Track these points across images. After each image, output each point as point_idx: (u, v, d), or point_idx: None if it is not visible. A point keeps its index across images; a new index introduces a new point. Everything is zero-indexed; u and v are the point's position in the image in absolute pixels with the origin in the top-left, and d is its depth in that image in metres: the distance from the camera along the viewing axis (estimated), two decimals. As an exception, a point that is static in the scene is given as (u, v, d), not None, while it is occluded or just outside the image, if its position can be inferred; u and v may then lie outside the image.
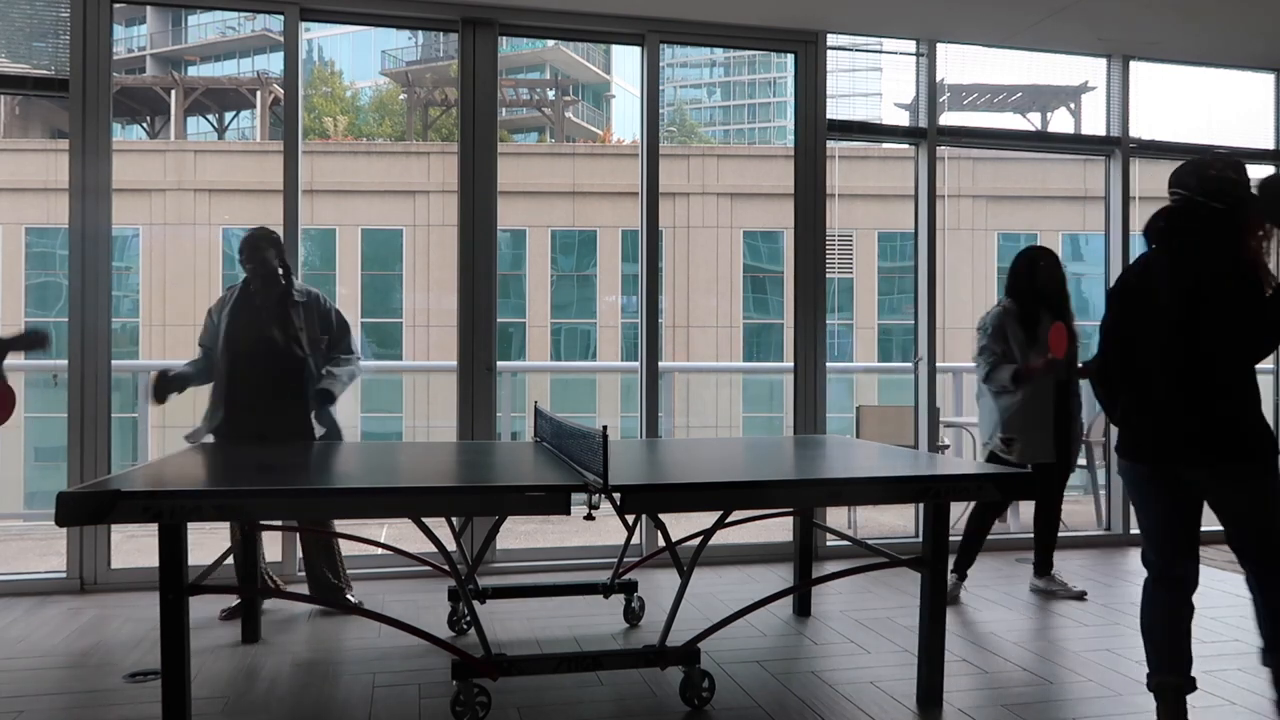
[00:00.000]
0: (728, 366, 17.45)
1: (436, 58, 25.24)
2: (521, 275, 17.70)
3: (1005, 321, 4.37)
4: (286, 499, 2.65)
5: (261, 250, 3.96)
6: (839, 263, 17.40)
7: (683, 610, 3.24)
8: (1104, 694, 3.19)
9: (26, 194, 15.43)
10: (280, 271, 4.01)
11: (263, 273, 3.96)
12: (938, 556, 3.07)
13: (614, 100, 32.31)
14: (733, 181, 18.03)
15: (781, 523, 4.99)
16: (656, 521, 3.77)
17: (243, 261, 3.97)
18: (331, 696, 3.14)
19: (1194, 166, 2.75)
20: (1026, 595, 4.49)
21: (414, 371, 13.81)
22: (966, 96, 13.15)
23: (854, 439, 4.81)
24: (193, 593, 2.68)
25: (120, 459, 4.45)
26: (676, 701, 3.05)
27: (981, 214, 18.23)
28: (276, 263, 4.00)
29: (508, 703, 3.06)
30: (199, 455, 3.42)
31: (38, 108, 17.80)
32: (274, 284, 3.99)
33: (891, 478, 3.01)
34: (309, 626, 3.91)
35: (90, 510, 2.47)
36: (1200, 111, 6.51)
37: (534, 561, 4.93)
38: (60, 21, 4.45)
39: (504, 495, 2.76)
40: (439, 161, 17.09)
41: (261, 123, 21.59)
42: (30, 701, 3.09)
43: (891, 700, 3.12)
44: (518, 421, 6.67)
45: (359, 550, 4.46)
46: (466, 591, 3.17)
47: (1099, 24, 5.11)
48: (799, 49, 5.21)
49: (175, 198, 16.68)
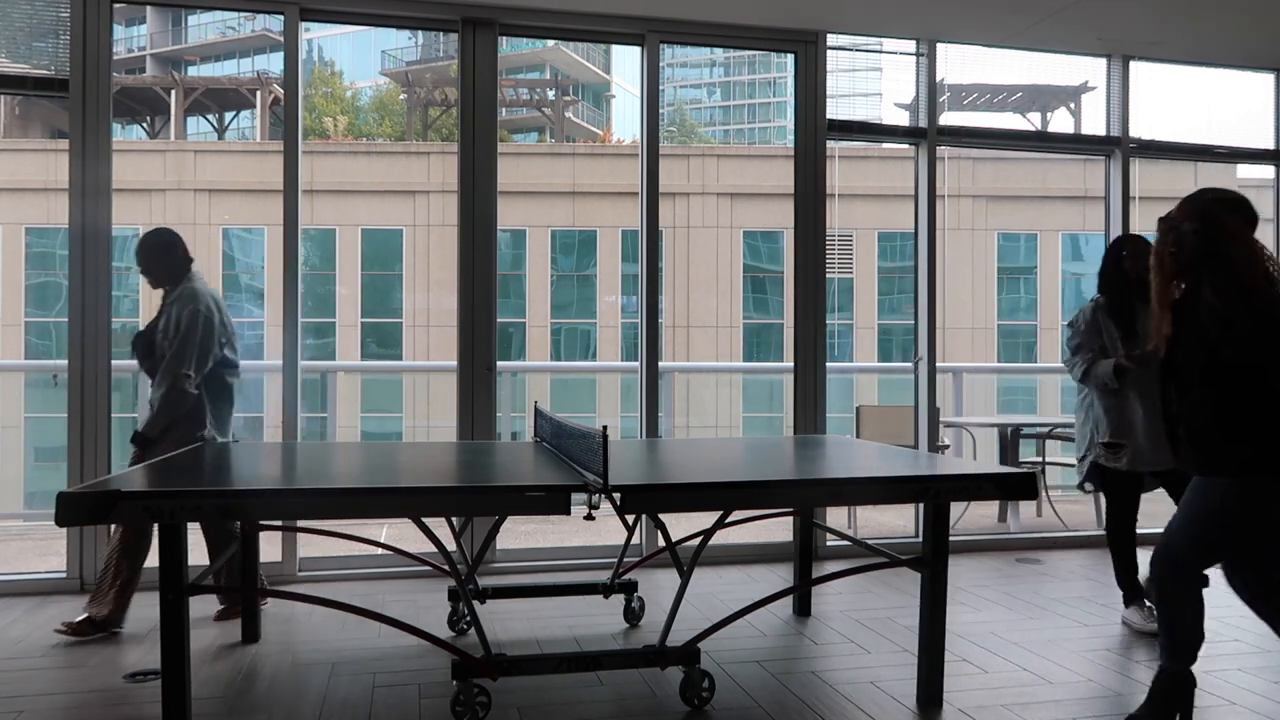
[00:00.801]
0: (728, 366, 17.46)
1: (436, 58, 25.26)
2: (521, 275, 17.71)
3: (1097, 316, 4.03)
4: (287, 499, 2.65)
5: (143, 254, 3.98)
6: (839, 263, 17.42)
7: (683, 610, 3.25)
8: (1104, 694, 3.19)
9: (26, 194, 15.45)
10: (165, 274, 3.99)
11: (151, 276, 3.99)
12: (938, 556, 3.07)
13: (614, 100, 32.34)
14: (733, 181, 18.04)
15: (781, 523, 4.99)
16: (656, 521, 3.77)
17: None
18: (331, 696, 3.14)
19: None
20: (1026, 595, 4.49)
21: (414, 371, 13.82)
22: (966, 96, 13.17)
23: (854, 439, 4.80)
24: (193, 593, 2.68)
25: (120, 459, 4.45)
26: (676, 701, 3.06)
27: (981, 214, 18.23)
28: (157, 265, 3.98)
29: (508, 703, 3.06)
30: (199, 455, 3.42)
31: (38, 108, 17.81)
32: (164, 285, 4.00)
33: (891, 478, 3.00)
34: (308, 624, 3.91)
35: (90, 510, 2.47)
36: (1200, 111, 6.51)
37: (534, 561, 4.93)
38: (60, 21, 4.45)
39: (504, 495, 2.76)
40: (439, 161, 17.10)
41: (261, 123, 21.61)
42: (30, 701, 3.09)
43: (891, 700, 3.12)
44: (518, 421, 6.67)
45: (359, 550, 4.47)
46: (466, 591, 3.17)
47: (1099, 24, 5.11)
48: (799, 49, 5.21)
49: (175, 198, 16.69)
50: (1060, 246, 18.76)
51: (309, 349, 12.98)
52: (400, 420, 12.17)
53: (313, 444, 4.00)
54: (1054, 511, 6.19)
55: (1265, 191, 5.80)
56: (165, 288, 4.00)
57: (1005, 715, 3.00)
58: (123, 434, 6.06)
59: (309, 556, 4.74)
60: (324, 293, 17.26)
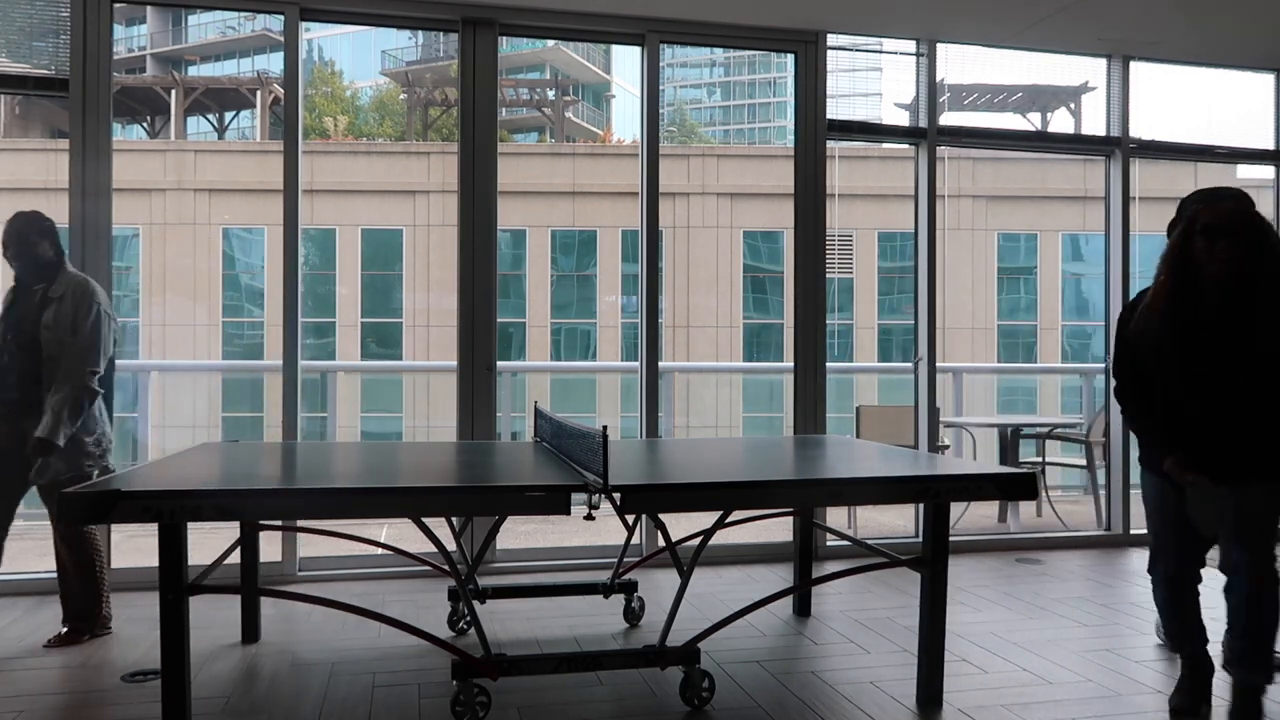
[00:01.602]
0: (728, 366, 17.46)
1: (436, 58, 25.25)
2: (521, 275, 17.71)
3: None
4: (287, 499, 2.65)
5: (26, 239, 3.68)
6: (839, 263, 17.42)
7: (683, 610, 3.25)
8: (1104, 694, 3.19)
9: (26, 194, 15.43)
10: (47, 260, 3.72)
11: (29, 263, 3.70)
12: (937, 556, 3.07)
13: (614, 100, 32.34)
14: (733, 181, 18.03)
15: (781, 523, 4.99)
16: (656, 521, 3.77)
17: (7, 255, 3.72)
18: (331, 696, 3.14)
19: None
20: (1026, 595, 4.48)
21: (414, 371, 13.82)
22: (966, 96, 13.17)
23: (854, 439, 4.80)
24: (193, 593, 2.68)
25: (120, 459, 4.44)
26: (676, 701, 3.06)
27: (981, 214, 18.23)
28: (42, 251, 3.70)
29: (508, 703, 3.06)
30: (199, 455, 3.42)
31: (38, 108, 17.80)
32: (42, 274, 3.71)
33: (891, 478, 3.00)
34: (308, 624, 3.91)
35: (90, 510, 2.47)
36: (1200, 111, 6.51)
37: (534, 561, 4.93)
38: (60, 21, 4.45)
39: (504, 495, 2.76)
40: (439, 161, 17.10)
41: (261, 123, 21.61)
42: (30, 701, 3.09)
43: (891, 700, 3.12)
44: (518, 421, 6.67)
45: (359, 550, 4.47)
46: (466, 591, 3.17)
47: (1099, 24, 5.11)
48: (799, 49, 5.21)
49: (175, 198, 16.69)
50: (1060, 247, 18.76)
51: (309, 349, 12.98)
52: (400, 420, 12.17)
53: (313, 444, 4.00)
54: (1054, 512, 6.19)
55: (1265, 191, 5.80)
56: (42, 278, 3.70)
57: (1005, 715, 3.00)
58: (123, 434, 6.07)
59: (309, 556, 4.74)
60: (324, 293, 17.26)
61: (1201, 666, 3.03)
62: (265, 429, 10.49)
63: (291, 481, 2.81)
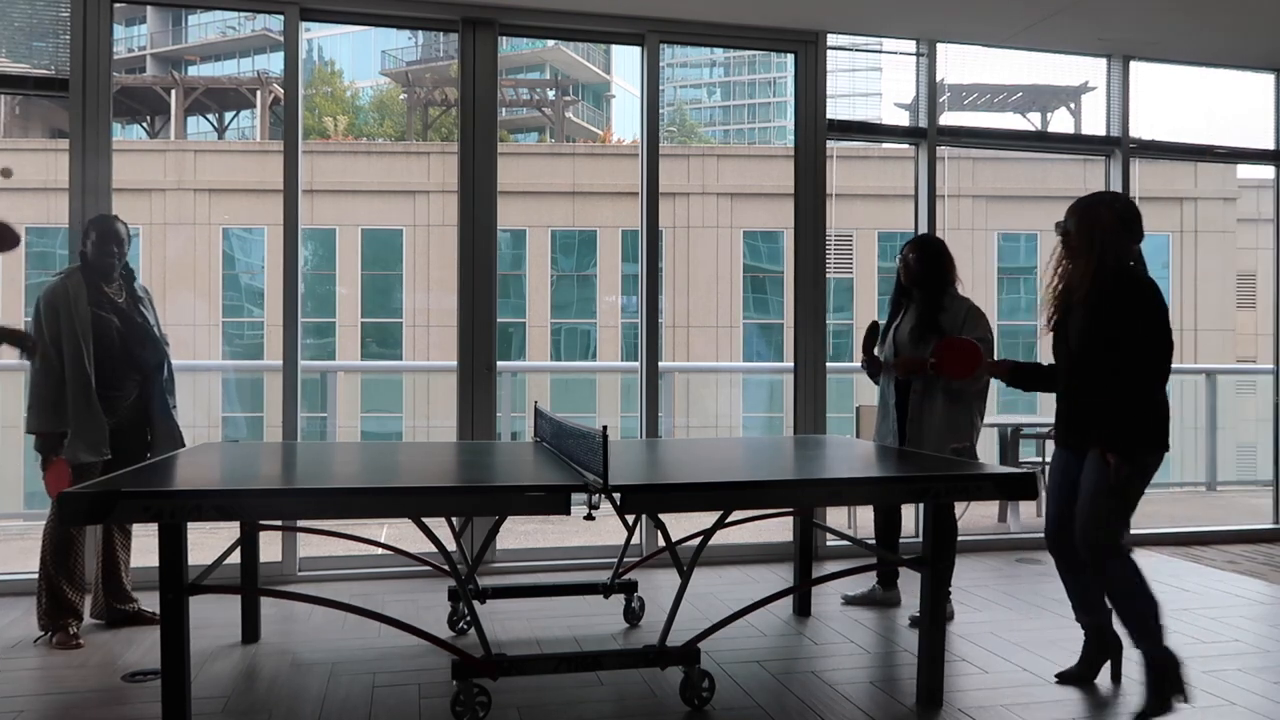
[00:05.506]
0: (728, 366, 17.44)
1: (436, 58, 25.25)
2: (521, 275, 17.70)
3: None
4: (287, 499, 2.65)
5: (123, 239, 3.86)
6: (839, 263, 17.41)
7: (683, 610, 3.24)
8: (1104, 694, 3.19)
9: (26, 194, 15.43)
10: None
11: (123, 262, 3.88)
12: (938, 556, 3.07)
13: (614, 100, 32.34)
14: (733, 181, 18.03)
15: (781, 523, 4.99)
16: (656, 521, 3.77)
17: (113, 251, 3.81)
18: (331, 696, 3.14)
19: None
20: (1026, 595, 4.48)
21: (414, 371, 13.81)
22: (966, 96, 13.17)
23: (854, 439, 4.80)
24: (193, 593, 2.68)
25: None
26: (676, 701, 3.05)
27: (981, 214, 18.22)
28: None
29: (508, 703, 3.06)
30: (199, 455, 3.42)
31: (38, 108, 17.80)
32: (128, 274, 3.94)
33: (891, 478, 3.01)
34: (308, 624, 3.91)
35: (90, 510, 2.47)
36: (1200, 111, 6.51)
37: (534, 561, 4.93)
38: (60, 21, 4.45)
39: (504, 495, 2.76)
40: (439, 161, 17.09)
41: (261, 123, 21.60)
42: (30, 701, 3.09)
43: (891, 700, 3.12)
44: (518, 421, 6.67)
45: (359, 550, 4.47)
46: (466, 591, 3.17)
47: (1099, 24, 5.11)
48: (799, 49, 5.21)
49: (175, 198, 16.69)
50: (1060, 247, 18.74)
51: (309, 349, 12.98)
52: (400, 420, 12.16)
53: (313, 444, 4.01)
54: (1054, 511, 6.18)
55: (1265, 191, 5.80)
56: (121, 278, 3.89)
57: (1005, 715, 3.00)
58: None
59: (309, 556, 4.74)
60: (324, 293, 17.25)
61: (1099, 638, 3.24)
62: (265, 429, 10.48)
63: (291, 481, 2.81)
